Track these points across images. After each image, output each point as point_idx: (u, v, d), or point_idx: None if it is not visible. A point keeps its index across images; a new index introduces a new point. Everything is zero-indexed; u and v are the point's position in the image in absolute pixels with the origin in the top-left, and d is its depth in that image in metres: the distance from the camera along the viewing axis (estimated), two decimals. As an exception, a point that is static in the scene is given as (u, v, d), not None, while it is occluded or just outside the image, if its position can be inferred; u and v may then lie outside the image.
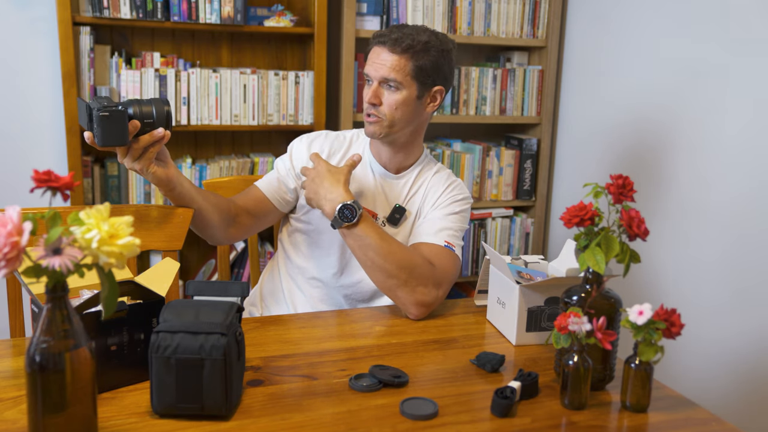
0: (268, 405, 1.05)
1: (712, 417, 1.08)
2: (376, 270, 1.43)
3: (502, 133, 3.05)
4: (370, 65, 1.53)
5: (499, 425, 1.02)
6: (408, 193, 1.63)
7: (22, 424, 0.96)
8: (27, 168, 2.44)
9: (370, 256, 1.42)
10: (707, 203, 2.11)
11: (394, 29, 1.53)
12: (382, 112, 1.53)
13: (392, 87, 1.51)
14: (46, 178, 0.81)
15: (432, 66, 1.53)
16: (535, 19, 2.80)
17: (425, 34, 1.52)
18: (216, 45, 2.66)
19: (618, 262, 1.06)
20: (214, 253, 2.71)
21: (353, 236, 1.43)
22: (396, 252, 1.42)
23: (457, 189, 1.64)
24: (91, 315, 1.02)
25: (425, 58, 1.51)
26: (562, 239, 2.84)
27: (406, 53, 1.50)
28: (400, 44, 1.49)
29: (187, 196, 1.43)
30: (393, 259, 1.41)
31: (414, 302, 1.41)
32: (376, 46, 1.54)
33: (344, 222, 1.41)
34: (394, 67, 1.50)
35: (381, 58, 1.51)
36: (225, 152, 2.74)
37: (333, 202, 1.42)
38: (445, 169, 1.68)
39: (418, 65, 1.51)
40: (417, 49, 1.50)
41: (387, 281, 1.42)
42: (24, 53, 2.43)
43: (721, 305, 2.06)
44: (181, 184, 1.40)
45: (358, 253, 1.44)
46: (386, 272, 1.41)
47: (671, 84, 2.25)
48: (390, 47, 1.50)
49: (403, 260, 1.42)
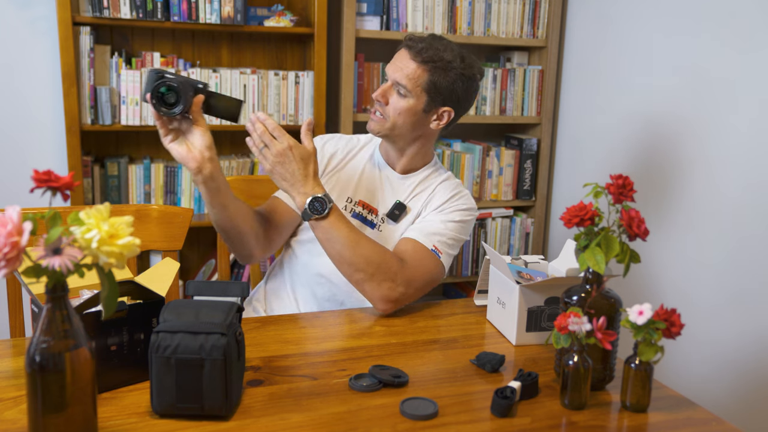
0: (268, 405, 1.05)
1: (712, 417, 1.08)
2: (343, 263, 1.43)
3: (502, 133, 3.05)
4: (392, 65, 1.55)
5: (499, 425, 1.02)
6: (412, 193, 1.63)
7: (22, 424, 0.96)
8: (27, 168, 2.44)
9: (337, 249, 1.42)
10: (707, 203, 2.11)
11: (428, 39, 1.54)
12: (386, 113, 1.54)
13: (401, 93, 1.53)
14: (46, 178, 0.81)
15: (447, 86, 1.53)
16: (535, 19, 2.80)
17: (452, 53, 1.53)
18: (216, 45, 2.66)
19: (618, 262, 1.06)
20: (214, 253, 2.72)
21: (322, 229, 1.43)
22: (364, 246, 1.43)
23: (463, 199, 1.63)
24: (91, 315, 1.02)
25: (442, 76, 1.52)
26: (562, 239, 2.84)
27: (425, 65, 1.51)
28: (422, 55, 1.51)
29: (226, 189, 1.44)
30: (360, 253, 1.41)
31: (380, 297, 1.42)
32: (403, 47, 1.55)
33: (314, 215, 1.41)
34: (408, 75, 1.51)
35: (402, 61, 1.53)
36: (225, 152, 2.74)
37: (304, 195, 1.41)
38: (454, 179, 1.68)
39: (432, 80, 1.52)
40: (437, 65, 1.51)
41: (354, 275, 1.43)
42: (24, 53, 2.43)
43: (721, 305, 2.06)
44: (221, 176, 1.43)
45: (326, 245, 1.44)
46: (353, 266, 1.42)
47: (671, 84, 2.25)
48: (413, 54, 1.52)
49: (371, 255, 1.42)
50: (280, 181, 1.42)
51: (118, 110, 2.40)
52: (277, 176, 1.42)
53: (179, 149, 1.37)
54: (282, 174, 1.41)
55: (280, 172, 1.41)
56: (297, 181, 1.41)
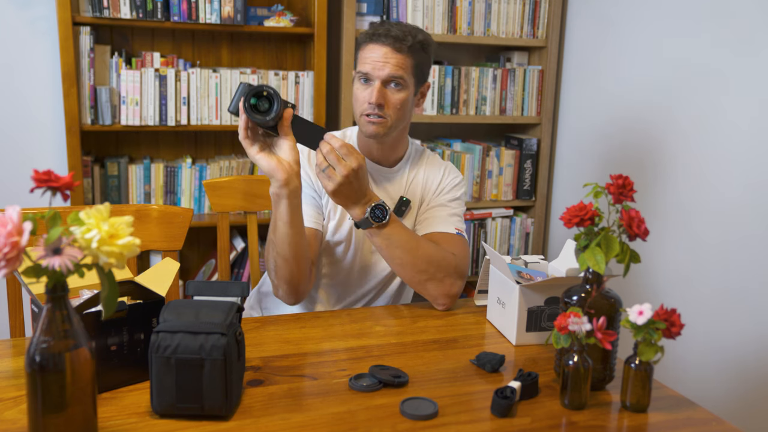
0: (268, 405, 1.05)
1: (712, 417, 1.08)
2: (405, 267, 1.43)
3: (502, 133, 3.05)
4: (370, 64, 1.49)
5: (499, 425, 1.02)
6: (407, 183, 1.63)
7: (22, 424, 0.96)
8: (27, 168, 2.44)
9: (398, 254, 1.42)
10: (707, 203, 2.11)
11: (389, 26, 1.50)
12: (386, 113, 1.50)
13: (398, 86, 1.50)
14: (46, 178, 0.81)
15: (427, 62, 1.54)
16: (535, 19, 2.80)
17: (419, 32, 1.52)
18: (216, 45, 2.66)
19: (618, 262, 1.06)
20: (214, 253, 2.72)
21: (383, 235, 1.41)
22: (423, 247, 1.44)
23: (453, 173, 1.66)
24: (91, 315, 1.02)
25: (423, 56, 1.52)
26: (562, 239, 2.84)
27: (409, 51, 1.49)
28: (404, 42, 1.48)
29: (300, 208, 1.39)
30: (421, 254, 1.43)
31: (444, 294, 1.45)
32: (372, 43, 1.50)
33: (375, 222, 1.39)
34: (400, 65, 1.48)
35: (384, 56, 1.48)
36: (225, 152, 2.74)
37: (364, 206, 1.39)
38: (433, 154, 1.69)
39: (416, 63, 1.51)
40: (417, 47, 1.50)
41: (416, 276, 1.44)
42: (24, 53, 2.43)
43: (721, 305, 2.06)
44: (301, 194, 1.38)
45: (385, 252, 1.43)
46: (415, 268, 1.43)
47: (671, 84, 2.25)
48: (394, 45, 1.48)
49: (432, 254, 1.44)
50: (342, 199, 1.38)
51: (118, 110, 2.40)
52: (341, 196, 1.37)
53: (269, 160, 1.32)
54: (347, 194, 1.37)
55: (345, 193, 1.36)
56: (360, 198, 1.38)
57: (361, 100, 1.51)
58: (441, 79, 2.72)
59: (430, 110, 2.72)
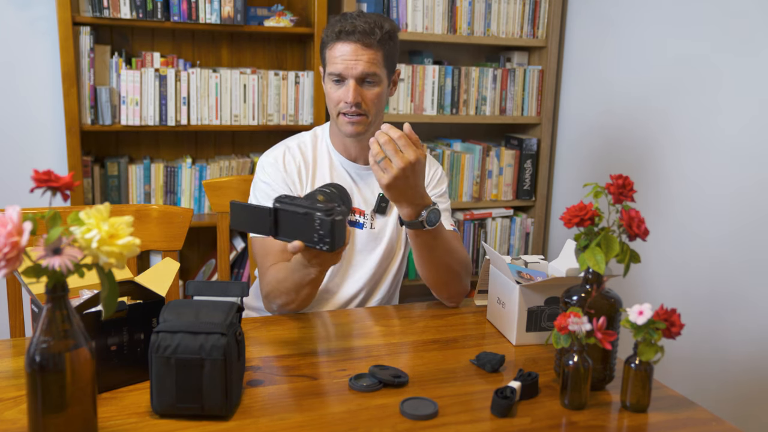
0: (268, 405, 1.05)
1: (712, 417, 1.08)
2: (441, 267, 1.44)
3: (502, 133, 3.05)
4: (341, 63, 1.45)
5: (499, 425, 1.02)
6: None
7: (22, 424, 0.96)
8: (27, 168, 2.44)
9: (438, 255, 1.42)
10: (707, 203, 2.11)
11: (354, 20, 1.45)
12: (365, 110, 1.49)
13: (372, 82, 1.48)
14: (46, 178, 0.81)
15: (395, 53, 1.53)
16: (535, 19, 2.80)
17: (384, 20, 1.49)
18: (216, 45, 2.66)
19: (618, 262, 1.05)
20: (214, 253, 2.72)
21: (429, 237, 1.38)
22: (456, 248, 1.47)
23: (434, 166, 1.65)
24: (91, 315, 1.02)
25: (391, 46, 1.50)
26: (562, 239, 2.84)
27: (378, 44, 1.46)
28: (373, 36, 1.45)
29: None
30: (458, 256, 1.46)
31: (462, 292, 1.50)
32: (340, 42, 1.46)
33: (429, 226, 1.34)
34: (371, 61, 1.46)
35: (355, 54, 1.45)
36: (225, 152, 2.74)
37: (419, 207, 1.33)
38: None
39: (386, 54, 1.49)
40: (386, 39, 1.47)
41: (444, 276, 1.45)
42: (24, 53, 2.43)
43: (720, 305, 2.06)
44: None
45: (427, 254, 1.41)
46: (450, 268, 1.44)
47: (671, 84, 2.25)
48: (363, 41, 1.44)
49: (463, 255, 1.47)
50: (396, 194, 1.30)
51: (118, 110, 2.40)
52: (396, 191, 1.29)
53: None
54: (402, 189, 1.29)
55: (400, 187, 1.29)
56: (416, 195, 1.32)
57: (336, 99, 1.50)
58: (441, 79, 2.72)
59: (430, 110, 2.71)
